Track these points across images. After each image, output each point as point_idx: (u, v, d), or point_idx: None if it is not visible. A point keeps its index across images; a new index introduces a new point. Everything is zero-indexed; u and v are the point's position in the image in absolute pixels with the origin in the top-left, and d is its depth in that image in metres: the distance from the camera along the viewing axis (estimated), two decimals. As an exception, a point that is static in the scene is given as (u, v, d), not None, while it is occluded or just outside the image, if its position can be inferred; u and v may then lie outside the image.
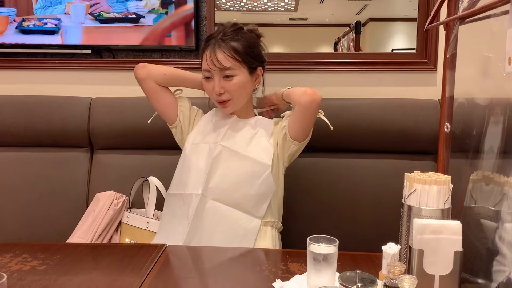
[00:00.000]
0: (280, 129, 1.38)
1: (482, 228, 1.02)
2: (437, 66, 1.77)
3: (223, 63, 1.31)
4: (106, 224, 1.56)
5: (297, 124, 1.34)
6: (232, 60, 1.32)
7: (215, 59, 1.31)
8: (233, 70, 1.32)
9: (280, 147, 1.38)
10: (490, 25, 1.08)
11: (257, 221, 1.35)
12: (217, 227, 1.34)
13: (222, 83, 1.33)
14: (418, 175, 1.01)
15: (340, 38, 2.24)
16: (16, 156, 1.77)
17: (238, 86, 1.34)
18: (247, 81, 1.36)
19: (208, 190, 1.34)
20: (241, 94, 1.37)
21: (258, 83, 1.43)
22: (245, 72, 1.35)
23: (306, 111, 1.32)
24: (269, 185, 1.36)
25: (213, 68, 1.32)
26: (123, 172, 1.73)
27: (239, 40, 1.33)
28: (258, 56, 1.40)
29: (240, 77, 1.34)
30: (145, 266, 1.11)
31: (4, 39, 1.87)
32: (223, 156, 1.37)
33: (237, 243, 1.33)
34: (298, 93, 1.34)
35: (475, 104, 1.14)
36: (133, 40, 1.84)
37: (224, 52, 1.31)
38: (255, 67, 1.38)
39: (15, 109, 1.77)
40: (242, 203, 1.35)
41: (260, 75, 1.42)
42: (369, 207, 1.64)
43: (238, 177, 1.36)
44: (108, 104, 1.77)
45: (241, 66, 1.34)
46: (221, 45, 1.32)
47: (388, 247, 0.95)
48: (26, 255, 1.16)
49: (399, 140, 1.65)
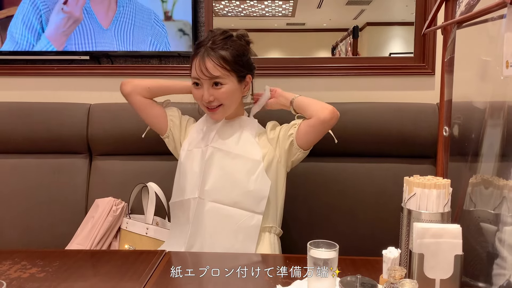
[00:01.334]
0: (286, 136, 1.38)
1: (482, 232, 1.02)
2: (435, 70, 1.78)
3: (212, 72, 1.31)
4: (105, 231, 1.56)
5: (309, 136, 1.36)
6: (221, 69, 1.32)
7: (204, 68, 1.31)
8: (222, 79, 1.33)
9: (284, 153, 1.39)
10: (487, 29, 1.09)
11: (258, 217, 1.35)
12: (219, 227, 1.34)
13: (211, 91, 1.34)
14: (417, 179, 1.01)
15: (338, 43, 2.25)
16: (14, 163, 1.77)
17: (227, 94, 1.35)
18: (236, 89, 1.37)
19: (205, 193, 1.35)
20: (230, 102, 1.38)
21: (248, 90, 1.44)
22: (234, 80, 1.36)
23: (323, 126, 1.35)
24: (265, 180, 1.36)
25: (202, 77, 1.32)
26: (122, 178, 1.73)
27: (228, 49, 1.34)
28: (247, 64, 1.40)
29: (229, 86, 1.34)
30: (145, 272, 1.11)
31: (2, 46, 1.87)
32: (215, 158, 1.38)
33: (240, 242, 1.33)
34: (317, 108, 1.35)
35: (473, 107, 1.14)
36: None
37: (213, 61, 1.31)
38: (244, 75, 1.39)
39: (13, 116, 1.77)
40: (240, 201, 1.35)
41: (249, 82, 1.43)
42: (368, 211, 1.64)
43: (232, 175, 1.36)
44: (106, 110, 1.77)
45: (230, 75, 1.34)
46: (210, 54, 1.32)
47: (388, 251, 0.95)
48: (25, 263, 1.16)
49: (398, 144, 1.65)
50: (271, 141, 1.40)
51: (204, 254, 1.30)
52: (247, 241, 1.34)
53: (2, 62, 1.91)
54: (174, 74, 1.86)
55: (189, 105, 1.54)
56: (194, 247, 1.34)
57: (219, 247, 1.32)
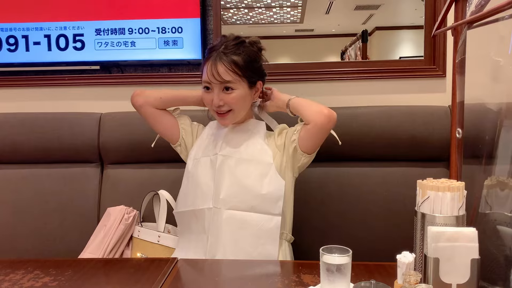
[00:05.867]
0: (290, 142, 1.38)
1: (498, 235, 1.00)
2: (446, 72, 1.76)
3: (223, 77, 1.31)
4: (117, 239, 1.56)
5: (310, 141, 1.34)
6: (232, 74, 1.32)
7: (215, 72, 1.31)
8: (233, 84, 1.33)
9: (290, 158, 1.38)
10: (498, 29, 1.08)
11: (277, 219, 1.34)
12: (239, 234, 1.33)
13: (221, 96, 1.34)
14: (431, 182, 0.99)
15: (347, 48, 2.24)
16: (27, 173, 1.78)
17: (237, 99, 1.34)
18: (246, 95, 1.37)
19: (220, 202, 1.34)
20: (240, 107, 1.37)
21: (258, 97, 1.44)
22: (245, 86, 1.36)
23: (321, 130, 1.33)
24: (278, 181, 1.35)
25: (213, 81, 1.32)
26: (133, 186, 1.73)
27: (240, 54, 1.34)
28: (259, 70, 1.40)
29: (239, 91, 1.34)
30: (157, 280, 1.10)
31: (13, 58, 1.90)
32: (226, 165, 1.37)
33: (261, 245, 1.32)
34: (313, 111, 1.33)
35: (486, 109, 1.13)
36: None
37: (225, 65, 1.31)
38: (255, 81, 1.39)
39: (25, 126, 1.78)
40: (256, 205, 1.34)
41: (260, 88, 1.43)
42: (381, 216, 1.62)
43: (245, 181, 1.36)
44: (117, 119, 1.78)
45: (241, 80, 1.34)
46: (222, 58, 1.32)
47: (403, 256, 0.93)
48: (38, 272, 1.16)
49: (410, 148, 1.63)
50: (279, 147, 1.40)
51: (216, 261, 1.29)
52: (269, 244, 1.33)
53: (13, 73, 1.93)
54: (184, 82, 1.87)
55: (200, 112, 1.53)
56: (217, 255, 1.33)
57: (242, 253, 1.32)
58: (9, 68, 1.92)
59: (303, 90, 1.81)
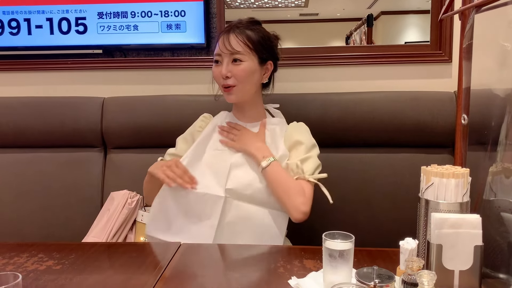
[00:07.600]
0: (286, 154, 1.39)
1: (502, 222, 0.99)
2: (452, 58, 1.74)
3: (234, 47, 1.33)
4: (120, 223, 1.56)
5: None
6: (243, 45, 1.34)
7: (227, 42, 1.34)
8: (242, 55, 1.34)
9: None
10: (507, 13, 1.05)
11: (284, 215, 1.35)
12: (245, 225, 1.34)
13: (230, 67, 1.34)
14: (435, 168, 0.99)
15: (352, 32, 2.22)
16: (30, 157, 1.78)
17: (245, 72, 1.34)
18: (255, 70, 1.36)
19: (230, 192, 1.33)
20: (247, 82, 1.36)
21: (266, 78, 1.43)
22: (255, 60, 1.36)
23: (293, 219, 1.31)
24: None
25: (224, 51, 1.34)
26: (136, 170, 1.72)
27: (254, 30, 1.37)
28: (271, 49, 1.41)
29: (248, 64, 1.35)
30: (160, 264, 1.11)
31: (15, 42, 1.88)
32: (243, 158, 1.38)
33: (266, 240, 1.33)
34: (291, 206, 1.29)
35: (493, 95, 1.11)
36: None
37: (237, 37, 1.34)
38: (265, 58, 1.38)
39: (28, 110, 1.78)
40: (266, 199, 1.34)
41: (270, 69, 1.42)
42: (385, 202, 1.62)
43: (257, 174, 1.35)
44: (120, 104, 1.77)
45: (251, 54, 1.35)
46: (236, 31, 1.35)
47: (406, 242, 0.93)
48: (42, 255, 1.17)
49: (415, 134, 1.62)
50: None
51: (218, 246, 1.30)
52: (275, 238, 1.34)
53: (16, 57, 1.92)
54: (187, 66, 1.85)
55: (205, 97, 1.51)
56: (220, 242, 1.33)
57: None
58: (11, 51, 1.91)
59: (307, 75, 1.79)
